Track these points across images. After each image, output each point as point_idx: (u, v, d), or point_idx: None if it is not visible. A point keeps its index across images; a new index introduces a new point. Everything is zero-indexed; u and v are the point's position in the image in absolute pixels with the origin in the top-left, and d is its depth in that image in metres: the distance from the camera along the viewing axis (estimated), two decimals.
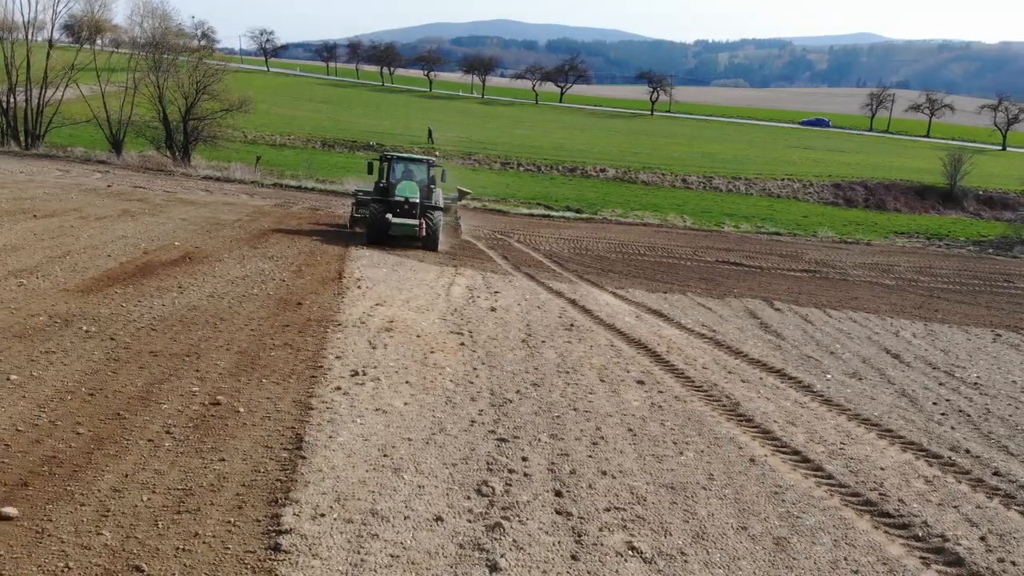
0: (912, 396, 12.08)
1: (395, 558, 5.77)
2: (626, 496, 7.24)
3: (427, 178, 25.00)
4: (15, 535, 5.66)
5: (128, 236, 21.05)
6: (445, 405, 9.51)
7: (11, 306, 12.38)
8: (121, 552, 5.59)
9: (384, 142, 57.87)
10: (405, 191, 23.68)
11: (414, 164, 25.43)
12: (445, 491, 7.01)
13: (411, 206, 23.64)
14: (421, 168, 25.32)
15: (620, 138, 63.25)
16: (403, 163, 25.37)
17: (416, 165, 25.38)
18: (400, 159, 25.45)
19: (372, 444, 7.97)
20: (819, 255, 32.53)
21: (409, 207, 23.60)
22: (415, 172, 25.13)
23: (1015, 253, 35.48)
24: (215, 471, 7.05)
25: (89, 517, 6.02)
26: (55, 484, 6.52)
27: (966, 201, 48.84)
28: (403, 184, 24.01)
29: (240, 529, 6.05)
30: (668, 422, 9.58)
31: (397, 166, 25.16)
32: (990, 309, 22.67)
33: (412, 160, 25.71)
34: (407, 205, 23.65)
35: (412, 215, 23.60)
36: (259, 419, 8.49)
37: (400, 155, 25.82)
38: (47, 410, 8.15)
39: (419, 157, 26.06)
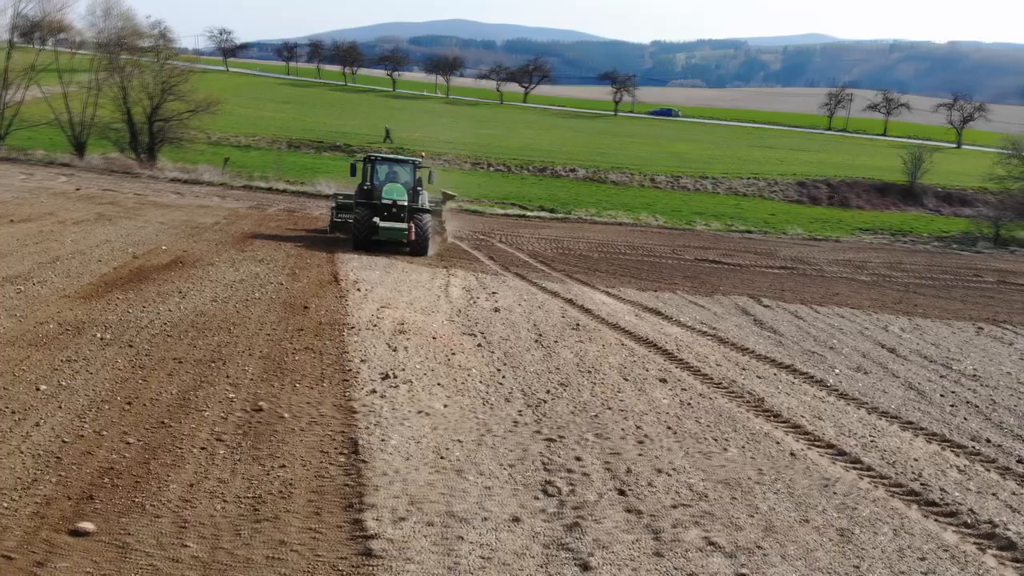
0: (920, 389, 12.41)
1: (487, 560, 5.78)
2: (687, 493, 7.34)
3: (413, 180, 24.07)
4: (99, 551, 5.54)
5: (112, 240, 20.63)
6: (483, 406, 9.52)
7: (16, 314, 12.06)
8: (213, 563, 5.51)
9: (351, 142, 57.45)
10: (392, 193, 22.78)
11: (399, 165, 24.49)
12: (512, 492, 7.03)
13: (399, 209, 22.73)
14: (407, 169, 24.38)
15: (587, 138, 63.63)
16: (388, 164, 24.44)
17: (401, 166, 24.47)
18: (384, 160, 24.56)
19: (425, 446, 7.95)
20: (793, 252, 33.15)
21: (397, 210, 22.68)
22: (400, 174, 24.20)
23: (979, 248, 36.56)
24: (279, 478, 6.97)
25: (168, 529, 5.91)
26: (121, 496, 6.39)
27: (926, 198, 50.16)
28: (389, 186, 23.11)
29: (325, 535, 6.00)
30: (702, 419, 9.72)
31: (381, 167, 24.19)
32: (965, 303, 23.34)
33: (397, 161, 24.84)
34: (395, 208, 22.69)
35: (400, 219, 22.72)
36: (305, 424, 8.41)
37: (385, 156, 24.90)
38: (87, 420, 7.97)
39: (404, 158, 25.15)
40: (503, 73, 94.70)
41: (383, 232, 22.25)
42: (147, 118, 41.67)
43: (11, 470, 6.65)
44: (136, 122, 42.09)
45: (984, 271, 30.39)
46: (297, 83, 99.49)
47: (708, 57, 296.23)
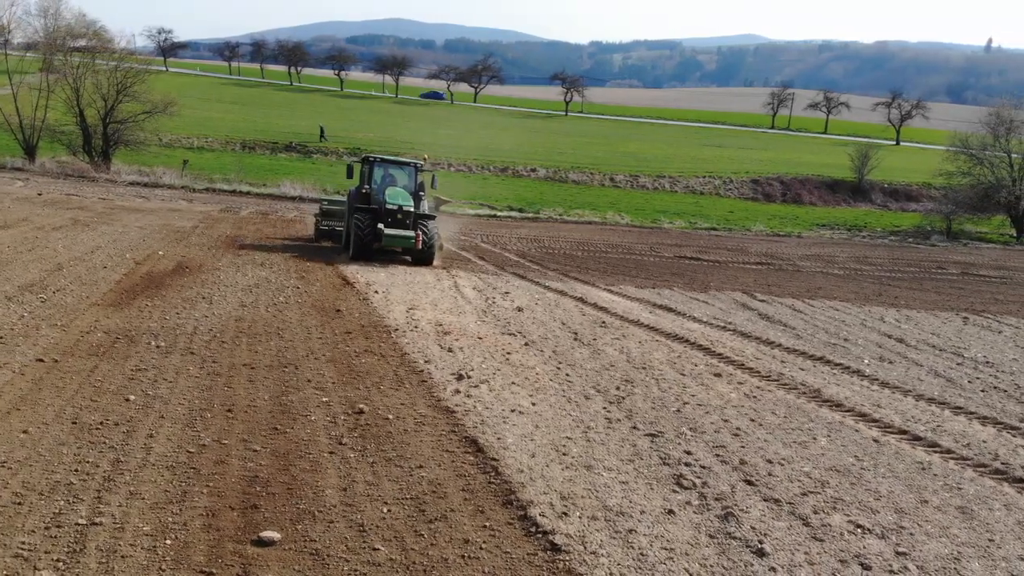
0: (947, 377, 13.01)
1: (669, 550, 5.94)
2: (807, 481, 7.62)
3: (414, 184, 22.72)
4: (295, 560, 5.50)
5: (103, 246, 20.06)
6: (568, 404, 9.67)
7: (56, 323, 11.70)
8: (411, 565, 5.53)
9: (306, 142, 56.69)
10: (397, 198, 21.36)
11: (399, 168, 23.19)
12: (648, 486, 7.20)
13: (404, 215, 21.25)
14: (407, 172, 23.07)
15: (542, 138, 64.09)
16: (387, 167, 23.06)
17: (401, 169, 23.16)
18: (383, 161, 23.13)
19: (540, 444, 8.06)
20: (762, 248, 34.08)
21: (402, 216, 21.21)
22: (400, 177, 22.95)
23: (933, 242, 38.17)
24: (424, 478, 7.00)
25: (349, 534, 5.90)
26: (283, 504, 6.34)
27: (873, 194, 52.08)
28: (393, 191, 21.75)
29: (502, 532, 6.08)
30: (776, 411, 10.05)
31: (380, 170, 22.81)
32: (940, 295, 24.39)
33: (397, 163, 23.40)
34: (400, 214, 21.22)
35: (406, 225, 21.26)
36: (413, 425, 8.43)
37: (384, 158, 23.48)
38: (198, 430, 7.84)
39: (405, 160, 23.68)
40: (452, 73, 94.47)
41: (387, 240, 20.91)
42: (101, 120, 40.38)
43: (154, 483, 6.53)
44: (89, 124, 40.75)
45: (946, 264, 31.78)
46: (242, 83, 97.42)
47: (644, 58, 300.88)
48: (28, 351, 10.10)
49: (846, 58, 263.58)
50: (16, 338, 10.68)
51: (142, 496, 6.25)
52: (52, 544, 5.43)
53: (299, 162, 52.82)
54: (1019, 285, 27.33)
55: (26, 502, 6.01)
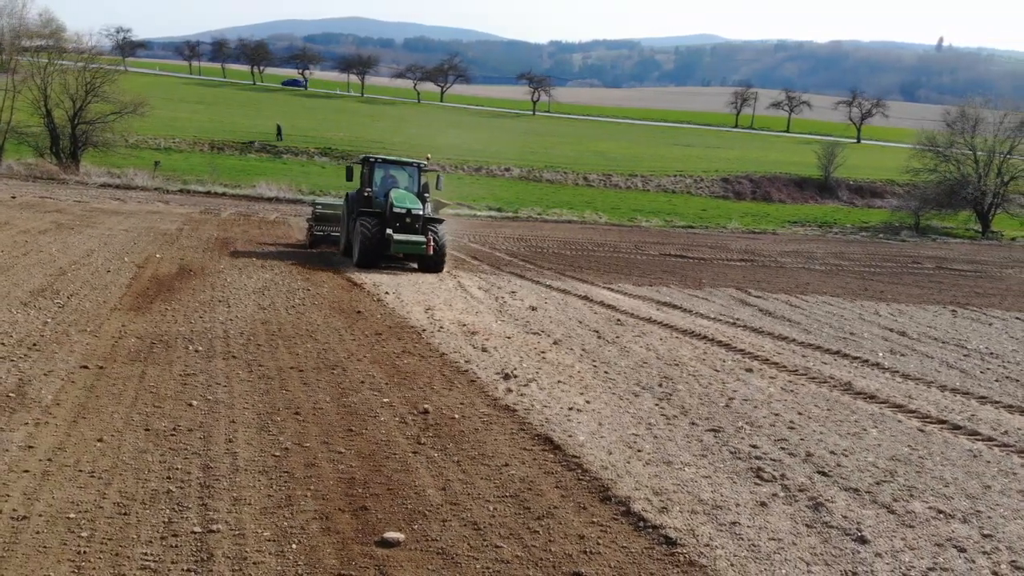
0: (959, 368, 13.42)
1: (778, 540, 6.10)
2: (875, 471, 7.85)
3: (418, 185, 21.79)
4: (426, 560, 5.51)
5: (96, 250, 19.73)
6: (620, 400, 9.80)
7: (84, 329, 11.50)
8: (541, 561, 5.59)
9: (275, 143, 56.07)
10: (405, 201, 20.25)
11: (402, 169, 22.18)
12: (730, 479, 7.36)
13: (414, 219, 20.10)
14: (410, 173, 22.07)
15: (513, 137, 64.24)
16: (389, 167, 22.05)
17: (404, 170, 22.12)
18: (385, 162, 22.16)
19: (612, 441, 8.17)
20: (741, 245, 34.67)
21: (411, 220, 20.06)
22: (402, 178, 21.91)
23: (903, 237, 39.19)
24: (514, 476, 7.06)
25: (466, 532, 5.94)
26: (389, 504, 6.35)
27: (840, 191, 53.25)
28: (400, 193, 20.65)
29: (613, 528, 6.17)
30: (818, 404, 10.30)
31: (382, 171, 21.75)
32: (921, 288, 25.09)
33: (400, 164, 22.41)
34: (408, 218, 20.07)
35: (415, 230, 20.13)
36: (481, 423, 8.48)
37: (386, 159, 22.47)
38: (274, 433, 7.79)
39: (408, 160, 22.66)
40: (419, 72, 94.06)
41: (397, 246, 19.81)
42: (69, 121, 39.47)
43: (254, 489, 6.49)
44: (57, 125, 39.81)
45: (920, 258, 32.69)
46: (204, 83, 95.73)
47: (604, 57, 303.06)
48: (68, 358, 9.92)
49: (801, 58, 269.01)
50: (50, 345, 10.47)
51: (248, 502, 6.22)
52: (176, 554, 5.38)
53: (269, 163, 52.23)
54: (993, 278, 28.25)
55: (131, 511, 5.94)
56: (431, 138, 60.56)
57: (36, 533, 5.47)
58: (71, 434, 7.36)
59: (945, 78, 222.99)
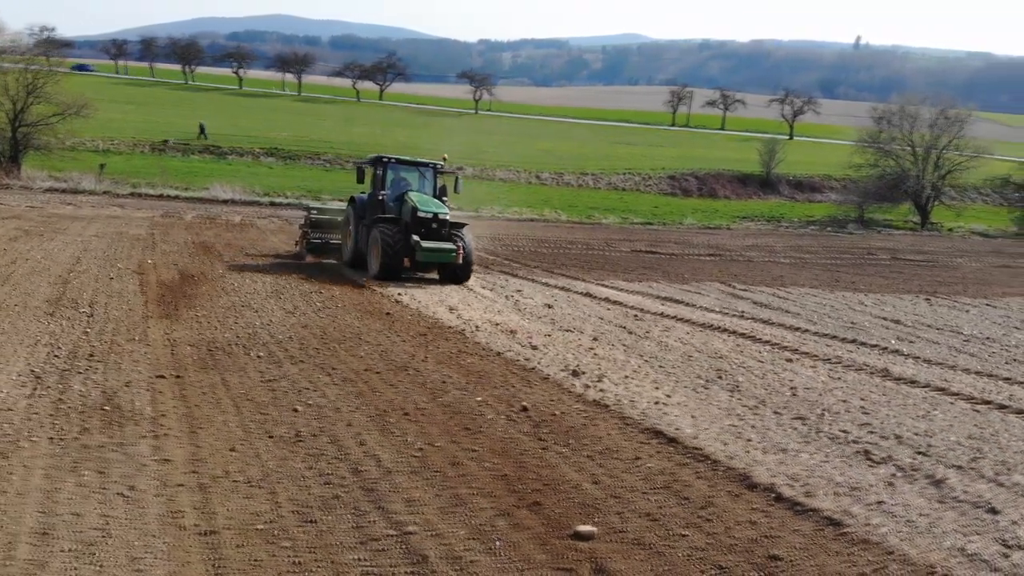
0: (970, 353, 14.17)
1: (924, 515, 6.45)
2: (965, 449, 8.32)
3: (434, 187, 20.00)
4: (631, 551, 5.65)
5: (81, 256, 19.18)
6: (695, 394, 10.08)
7: (132, 337, 11.22)
8: (734, 547, 5.81)
9: (220, 143, 54.77)
10: (430, 205, 18.61)
11: (417, 170, 20.27)
12: (847, 462, 7.71)
13: (440, 224, 18.46)
14: (426, 175, 20.24)
15: (460, 136, 64.13)
16: (402, 168, 20.18)
17: (419, 171, 20.27)
18: (400, 162, 20.18)
19: (716, 431, 8.44)
20: (704, 240, 35.53)
21: (438, 226, 18.40)
22: (417, 180, 20.15)
23: (850, 230, 40.85)
24: (651, 469, 7.26)
25: (648, 523, 6.09)
26: (557, 499, 6.48)
27: (780, 186, 55.04)
28: (422, 197, 19.07)
29: (776, 514, 6.40)
30: (872, 390, 10.81)
31: (395, 172, 19.94)
32: (887, 279, 26.27)
33: (415, 165, 20.42)
34: (435, 223, 18.41)
35: (443, 237, 18.44)
36: (585, 419, 8.65)
37: (400, 158, 20.45)
38: (397, 434, 7.82)
39: (424, 161, 20.63)
40: (357, 70, 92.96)
41: (426, 255, 18.16)
42: (10, 123, 37.70)
43: (418, 488, 6.53)
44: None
45: (874, 250, 34.14)
46: (133, 83, 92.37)
47: (533, 56, 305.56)
48: (137, 368, 9.67)
49: (724, 56, 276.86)
50: (107, 355, 10.19)
51: (422, 502, 6.26)
52: (389, 557, 5.40)
53: (214, 164, 50.90)
54: (948, 268, 29.78)
55: (316, 519, 5.92)
56: (378, 137, 60.10)
57: (238, 547, 5.41)
58: (199, 445, 7.24)
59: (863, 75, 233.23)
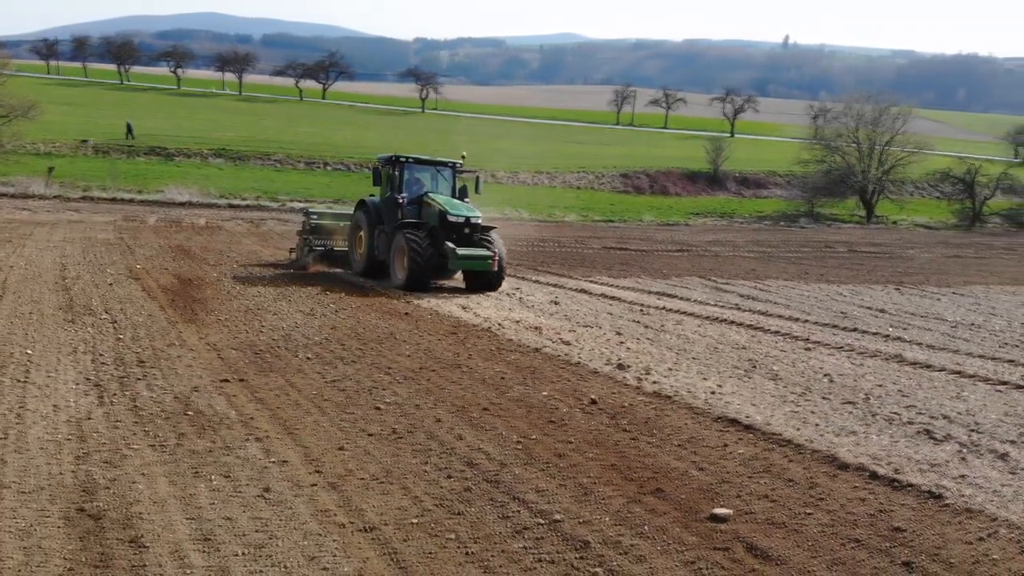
0: (961, 338, 14.90)
1: (1006, 485, 6.91)
2: (1009, 426, 8.88)
3: (453, 188, 18.96)
4: (770, 530, 5.94)
5: (66, 262, 18.72)
6: (741, 383, 10.46)
7: (172, 343, 11.07)
8: (856, 522, 6.16)
9: (166, 144, 53.42)
10: (460, 209, 17.51)
11: (436, 170, 18.97)
12: (912, 442, 8.16)
13: (472, 229, 17.41)
14: (445, 175, 18.99)
15: (408, 135, 63.79)
16: (418, 169, 18.82)
17: (438, 171, 18.96)
18: (418, 162, 18.87)
19: (782, 416, 8.82)
20: (667, 236, 36.26)
21: (469, 231, 17.35)
22: (430, 180, 18.88)
23: (802, 224, 42.24)
24: (743, 454, 7.57)
25: (770, 505, 6.40)
26: (675, 485, 6.73)
27: (728, 183, 56.44)
28: (450, 200, 18.02)
29: (879, 491, 6.78)
30: (898, 375, 11.36)
31: (412, 172, 18.65)
32: (850, 270, 27.29)
33: (434, 164, 19.05)
34: (467, 228, 17.35)
35: (474, 242, 17.39)
36: (653, 411, 8.92)
37: (419, 158, 19.12)
38: (487, 428, 7.98)
39: (442, 160, 19.30)
40: (300, 69, 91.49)
41: (460, 263, 17.18)
42: None
43: (539, 480, 6.71)
44: None
45: (831, 243, 35.39)
46: (66, 83, 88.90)
47: (471, 55, 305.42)
48: (194, 373, 9.58)
49: (659, 56, 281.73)
50: (158, 361, 10.05)
51: (551, 492, 6.45)
52: (548, 544, 5.58)
53: (161, 166, 49.62)
54: (902, 259, 31.09)
55: (459, 510, 6.05)
56: (327, 136, 59.45)
57: (405, 541, 5.51)
58: (306, 446, 7.27)
59: (793, 74, 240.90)
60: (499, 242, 17.90)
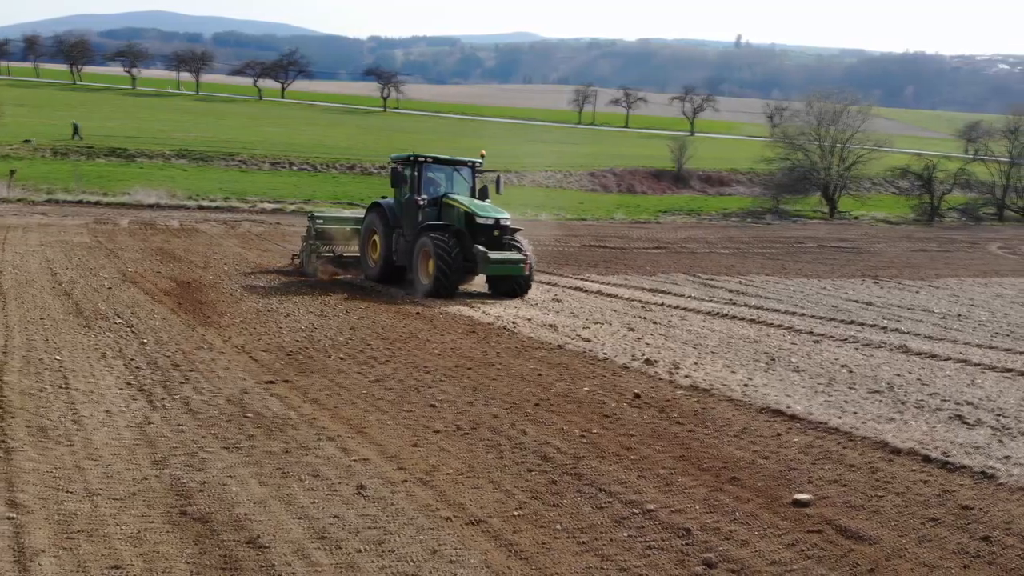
0: (954, 328, 15.47)
1: None
2: None
3: (473, 188, 18.26)
4: (848, 512, 6.22)
5: (53, 267, 18.29)
6: (768, 375, 10.77)
7: (200, 346, 10.97)
8: (927, 502, 6.46)
9: (126, 146, 52.39)
10: (488, 211, 16.79)
11: (454, 169, 18.28)
12: (945, 426, 8.55)
13: (502, 231, 16.69)
14: (463, 175, 18.33)
15: (374, 134, 63.51)
16: (436, 168, 18.06)
17: (457, 170, 18.29)
18: (437, 161, 18.07)
19: (818, 406, 9.14)
20: (642, 234, 36.70)
21: (499, 234, 16.62)
22: (451, 181, 18.14)
23: (768, 221, 43.11)
24: (798, 443, 7.85)
25: (842, 489, 6.68)
26: (747, 474, 6.96)
27: (692, 181, 57.32)
28: (476, 202, 17.29)
29: (936, 472, 7.12)
30: (909, 364, 11.77)
31: (431, 173, 17.91)
32: (824, 265, 27.93)
33: (452, 164, 18.31)
34: (497, 230, 16.62)
35: (503, 245, 16.65)
36: (696, 402, 9.16)
37: (438, 157, 18.32)
38: (546, 423, 8.11)
39: (462, 159, 18.61)
40: (259, 68, 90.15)
41: (494, 268, 16.30)
42: None
43: (619, 472, 6.88)
44: None
45: (801, 239, 36.18)
46: (16, 84, 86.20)
47: (426, 54, 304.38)
48: (238, 375, 9.55)
49: (613, 55, 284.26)
50: (194, 364, 9.98)
51: (634, 482, 6.64)
52: (652, 531, 5.77)
53: (124, 167, 48.63)
54: (871, 253, 31.96)
55: (554, 502, 6.20)
56: (290, 136, 58.86)
57: (516, 533, 5.65)
58: (380, 443, 7.35)
59: (745, 73, 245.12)
60: (528, 245, 17.18)
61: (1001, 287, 22.64)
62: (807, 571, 5.28)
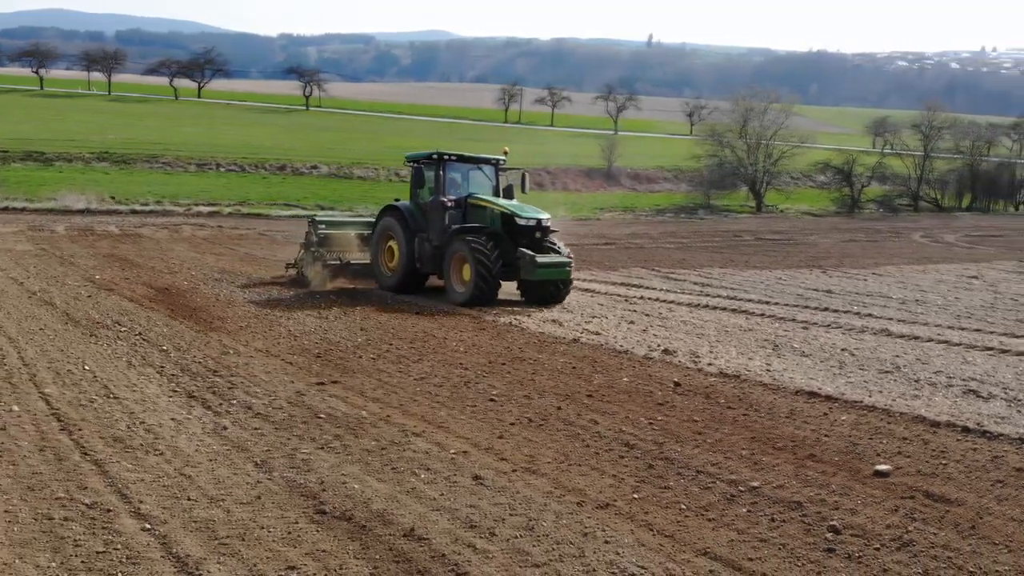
0: (920, 312, 16.51)
1: None
2: None
3: (497, 187, 17.42)
4: (925, 481, 6.76)
5: (17, 277, 17.34)
6: (781, 360, 11.36)
7: (226, 351, 10.80)
8: (986, 468, 7.06)
9: (43, 149, 50.13)
10: (528, 211, 15.93)
11: (477, 167, 17.38)
12: (966, 400, 9.27)
13: (543, 233, 15.85)
14: (486, 173, 17.49)
15: (298, 133, 62.38)
16: (459, 167, 17.09)
17: (480, 169, 17.42)
18: (461, 159, 17.06)
19: (844, 386, 9.75)
20: (588, 231, 37.15)
21: (541, 236, 15.78)
22: (467, 180, 17.22)
23: (701, 216, 44.55)
24: (847, 421, 8.40)
25: (908, 460, 7.23)
26: (819, 451, 7.43)
27: (622, 179, 58.56)
28: (513, 203, 16.45)
29: (980, 442, 7.76)
30: (900, 347, 12.57)
31: (454, 172, 16.98)
32: (768, 257, 29.05)
33: (475, 161, 17.38)
34: (539, 232, 15.78)
35: (544, 248, 15.76)
36: (732, 388, 9.63)
37: (462, 155, 17.28)
38: (606, 412, 8.42)
39: (485, 157, 17.69)
40: (174, 67, 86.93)
41: (541, 271, 15.23)
42: None
43: (697, 457, 7.25)
44: None
45: (737, 232, 37.52)
46: None
47: (340, 51, 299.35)
48: (283, 378, 9.51)
49: (529, 54, 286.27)
50: (233, 369, 9.91)
51: (725, 464, 7.01)
52: (765, 506, 6.15)
53: (43, 171, 46.52)
54: (807, 244, 33.38)
55: (664, 484, 6.52)
56: (213, 137, 57.34)
57: (647, 513, 5.96)
58: (466, 437, 7.56)
59: (657, 72, 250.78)
60: (563, 246, 16.31)
61: (939, 273, 24.08)
62: (920, 532, 5.76)
